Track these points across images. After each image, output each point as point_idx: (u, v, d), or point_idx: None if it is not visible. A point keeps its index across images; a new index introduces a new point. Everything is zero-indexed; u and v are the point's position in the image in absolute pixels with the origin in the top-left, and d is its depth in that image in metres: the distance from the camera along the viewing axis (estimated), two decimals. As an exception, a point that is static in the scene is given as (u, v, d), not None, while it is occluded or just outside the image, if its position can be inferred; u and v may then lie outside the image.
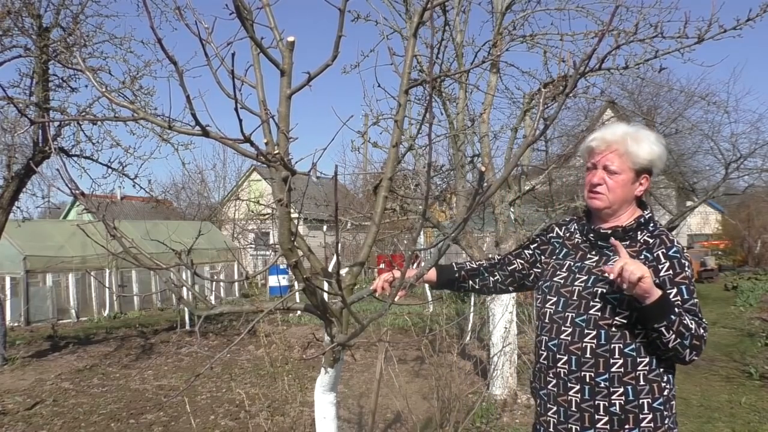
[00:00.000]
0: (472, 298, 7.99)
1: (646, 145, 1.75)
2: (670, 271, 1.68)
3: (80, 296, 12.04)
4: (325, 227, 12.20)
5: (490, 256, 2.24)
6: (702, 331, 1.62)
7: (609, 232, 1.78)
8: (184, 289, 2.13)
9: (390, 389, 4.87)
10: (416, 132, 4.78)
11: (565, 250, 1.90)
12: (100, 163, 8.16)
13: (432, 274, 2.08)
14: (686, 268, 1.69)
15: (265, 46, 1.61)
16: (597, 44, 1.37)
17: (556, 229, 2.00)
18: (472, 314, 7.87)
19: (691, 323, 1.60)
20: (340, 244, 1.50)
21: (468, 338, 7.62)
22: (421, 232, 11.50)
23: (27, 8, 6.88)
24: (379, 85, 5.17)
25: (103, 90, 1.67)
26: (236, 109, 1.39)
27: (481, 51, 5.51)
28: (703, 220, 25.06)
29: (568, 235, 1.95)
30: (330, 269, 2.02)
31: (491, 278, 2.08)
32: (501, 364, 5.37)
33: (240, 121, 1.37)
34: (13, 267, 11.09)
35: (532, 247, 2.04)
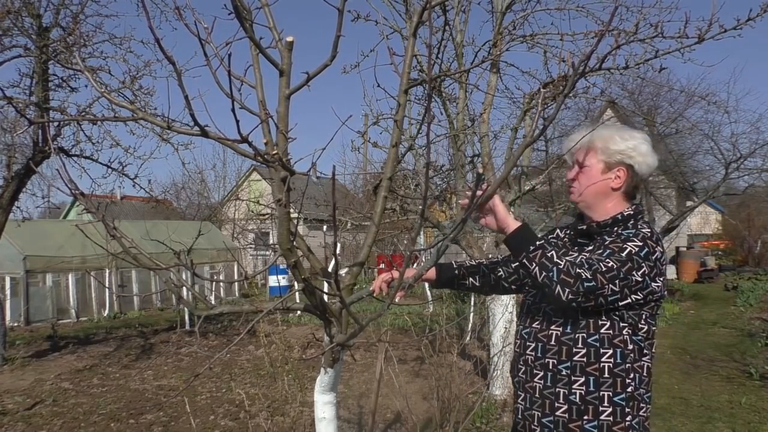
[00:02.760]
0: (472, 298, 7.99)
1: (617, 139, 1.80)
2: (610, 240, 1.72)
3: (80, 296, 12.04)
4: (324, 227, 12.20)
5: (490, 255, 2.25)
6: (579, 271, 1.59)
7: (584, 228, 1.84)
8: (184, 289, 2.13)
9: (390, 389, 4.87)
10: (416, 132, 4.78)
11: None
12: (100, 163, 8.16)
13: (432, 273, 2.08)
14: (628, 242, 1.67)
15: (265, 46, 1.61)
16: (596, 45, 1.37)
17: (557, 231, 2.05)
18: (472, 314, 7.87)
19: (562, 260, 1.60)
20: (339, 245, 1.51)
21: (468, 338, 7.62)
22: (421, 232, 11.50)
23: (27, 8, 6.88)
24: (378, 85, 5.17)
25: (103, 90, 1.67)
26: (233, 110, 1.38)
27: (481, 51, 5.51)
28: (703, 220, 25.04)
29: (563, 235, 2.01)
30: (329, 269, 2.02)
31: (493, 275, 2.08)
32: (501, 364, 5.37)
33: (237, 121, 1.36)
34: (13, 267, 11.08)
35: None
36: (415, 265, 2.42)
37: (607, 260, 1.63)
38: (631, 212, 1.80)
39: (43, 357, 8.08)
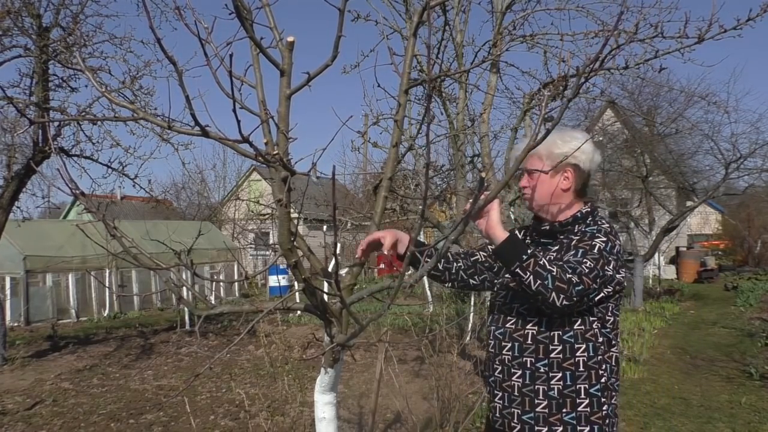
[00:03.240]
0: (472, 298, 7.99)
1: (559, 142, 1.86)
2: (577, 239, 1.80)
3: (80, 296, 12.03)
4: (325, 227, 12.20)
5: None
6: (569, 276, 1.64)
7: (548, 228, 1.90)
8: (184, 289, 2.14)
9: (390, 389, 4.87)
10: (416, 132, 4.78)
11: None
12: (100, 163, 8.16)
13: (405, 239, 2.06)
14: (595, 239, 1.76)
15: (265, 46, 1.61)
16: (601, 50, 1.37)
17: (516, 232, 2.07)
18: (472, 314, 7.87)
19: (553, 267, 1.64)
20: (340, 244, 1.51)
21: (468, 338, 7.62)
22: (421, 232, 11.48)
23: (27, 8, 6.88)
24: (379, 85, 5.16)
25: (103, 90, 1.67)
26: (234, 110, 1.38)
27: (481, 51, 5.51)
28: (703, 220, 25.05)
29: (522, 237, 2.04)
30: (329, 269, 2.02)
31: (455, 264, 2.09)
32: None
33: (238, 121, 1.36)
34: (13, 267, 11.08)
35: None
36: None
37: (585, 260, 1.70)
38: (589, 209, 1.90)
39: (43, 357, 8.08)
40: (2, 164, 7.75)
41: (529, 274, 1.63)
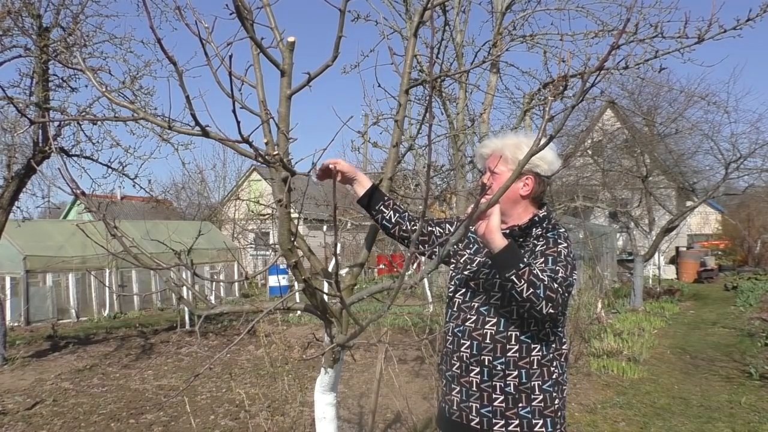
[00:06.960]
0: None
1: (525, 148, 1.86)
2: (544, 247, 1.86)
3: (80, 296, 12.03)
4: (325, 227, 12.21)
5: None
6: (556, 285, 1.70)
7: (507, 231, 1.90)
8: (184, 288, 2.14)
9: (390, 389, 4.87)
10: (416, 132, 4.78)
11: (476, 246, 2.04)
12: (100, 163, 8.16)
13: (366, 182, 2.07)
14: (559, 246, 1.84)
15: (266, 46, 1.61)
16: (605, 58, 1.37)
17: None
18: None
19: (543, 276, 1.70)
20: (339, 244, 1.51)
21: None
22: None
23: (27, 8, 6.87)
24: (379, 85, 5.15)
25: (103, 90, 1.67)
26: (234, 111, 1.39)
27: (481, 51, 5.51)
28: (703, 220, 25.04)
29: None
30: (329, 270, 2.02)
31: (408, 224, 2.08)
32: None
33: (238, 122, 1.37)
34: (13, 267, 11.08)
35: (449, 227, 2.13)
36: (415, 265, 2.43)
37: (558, 268, 1.78)
38: (545, 213, 1.95)
39: (44, 357, 8.08)
40: (2, 164, 7.75)
41: (523, 282, 1.66)
